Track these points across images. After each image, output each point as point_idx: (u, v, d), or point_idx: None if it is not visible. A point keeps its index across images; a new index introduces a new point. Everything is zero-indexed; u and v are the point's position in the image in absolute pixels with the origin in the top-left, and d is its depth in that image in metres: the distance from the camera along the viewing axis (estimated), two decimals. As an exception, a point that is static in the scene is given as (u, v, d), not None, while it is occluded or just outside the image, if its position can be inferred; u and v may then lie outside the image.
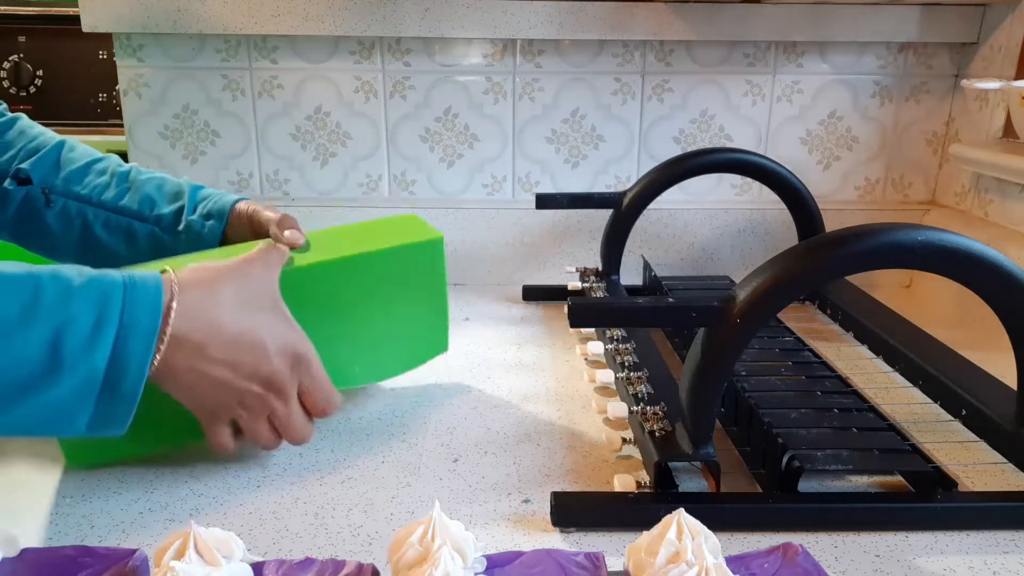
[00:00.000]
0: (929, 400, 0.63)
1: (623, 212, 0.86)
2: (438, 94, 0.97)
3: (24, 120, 0.74)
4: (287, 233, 0.60)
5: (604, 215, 0.89)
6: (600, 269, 0.90)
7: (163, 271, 0.48)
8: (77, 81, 1.62)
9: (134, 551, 0.39)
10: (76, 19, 0.91)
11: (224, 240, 0.68)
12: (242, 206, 0.69)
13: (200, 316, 0.47)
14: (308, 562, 0.39)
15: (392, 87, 0.97)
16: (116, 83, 0.96)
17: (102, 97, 1.64)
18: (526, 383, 0.70)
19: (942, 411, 0.61)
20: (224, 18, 0.91)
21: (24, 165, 0.70)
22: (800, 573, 0.38)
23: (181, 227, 0.69)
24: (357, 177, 1.01)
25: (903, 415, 0.62)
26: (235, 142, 0.99)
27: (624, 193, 0.86)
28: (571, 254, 1.00)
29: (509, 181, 1.01)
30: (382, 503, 0.51)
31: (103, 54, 1.62)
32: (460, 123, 0.99)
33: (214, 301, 0.48)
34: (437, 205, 1.00)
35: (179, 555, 0.36)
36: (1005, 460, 0.54)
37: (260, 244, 0.57)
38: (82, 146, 0.74)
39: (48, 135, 0.73)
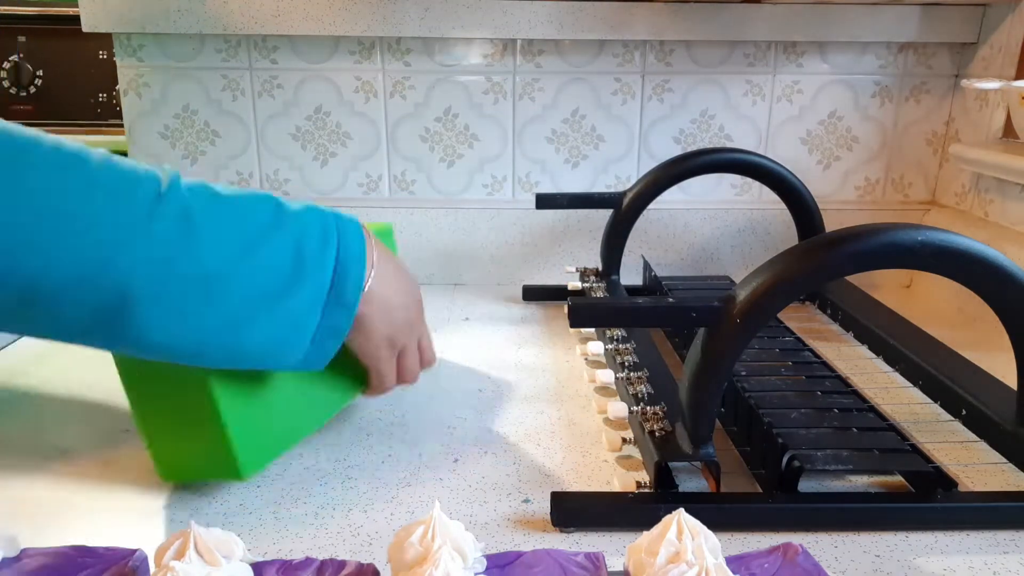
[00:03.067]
0: (929, 400, 0.63)
1: (623, 212, 0.86)
2: (438, 94, 0.97)
3: None
4: None
5: (604, 215, 0.89)
6: (600, 269, 0.90)
7: None
8: (77, 81, 1.63)
9: (134, 551, 0.39)
10: (76, 19, 0.91)
11: None
12: None
13: (383, 259, 0.52)
14: (308, 562, 0.39)
15: (392, 87, 0.97)
16: (116, 83, 0.96)
17: (102, 97, 1.64)
18: (526, 383, 0.70)
19: (942, 411, 0.61)
20: (224, 18, 0.91)
21: None
22: (800, 573, 0.38)
23: None
24: (357, 177, 1.01)
25: (903, 415, 0.62)
26: (235, 142, 0.99)
27: (624, 193, 0.86)
28: (571, 254, 1.00)
29: (509, 181, 1.01)
30: (382, 503, 0.51)
31: (103, 54, 1.62)
32: (460, 123, 0.99)
33: (383, 249, 0.53)
34: (437, 205, 1.00)
35: (179, 555, 0.36)
36: (1005, 460, 0.54)
37: None
38: None
39: None
